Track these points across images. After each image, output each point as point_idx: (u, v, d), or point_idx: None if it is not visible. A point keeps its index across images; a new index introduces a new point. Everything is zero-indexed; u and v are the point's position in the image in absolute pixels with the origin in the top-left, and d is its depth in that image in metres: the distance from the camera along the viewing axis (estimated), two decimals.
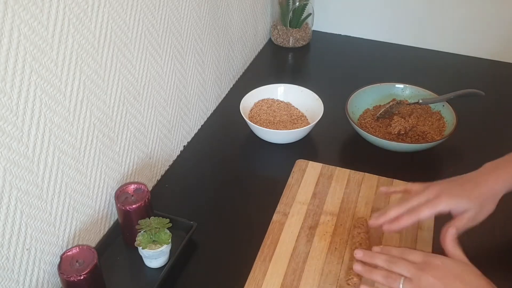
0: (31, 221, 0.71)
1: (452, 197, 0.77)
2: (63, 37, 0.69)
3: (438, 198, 0.77)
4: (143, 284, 0.82)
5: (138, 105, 0.90)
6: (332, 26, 1.50)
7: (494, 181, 0.78)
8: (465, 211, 0.77)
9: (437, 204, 0.76)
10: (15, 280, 0.71)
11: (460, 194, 0.77)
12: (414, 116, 1.10)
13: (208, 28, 1.09)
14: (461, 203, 0.76)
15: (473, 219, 0.78)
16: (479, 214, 0.78)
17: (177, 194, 0.99)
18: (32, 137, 0.68)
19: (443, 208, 0.76)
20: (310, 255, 0.84)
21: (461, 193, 0.77)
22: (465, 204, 0.76)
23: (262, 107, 1.15)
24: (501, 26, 1.33)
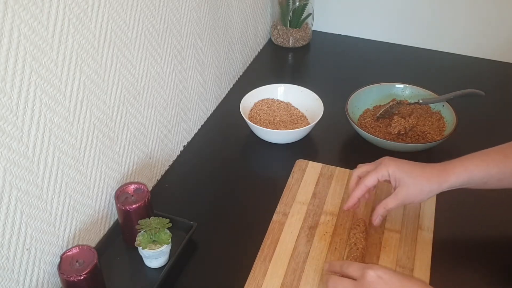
0: (31, 221, 0.71)
1: (396, 165, 0.79)
2: (63, 37, 0.69)
3: (380, 164, 0.81)
4: (143, 284, 0.82)
5: (138, 105, 0.90)
6: (332, 26, 1.50)
7: (444, 172, 0.78)
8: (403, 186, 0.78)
9: (379, 169, 0.80)
10: (15, 280, 0.71)
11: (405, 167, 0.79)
12: (414, 116, 1.10)
13: (208, 28, 1.09)
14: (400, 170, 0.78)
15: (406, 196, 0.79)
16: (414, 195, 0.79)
17: (177, 194, 0.99)
18: (32, 137, 0.68)
19: (384, 172, 0.79)
20: (310, 255, 0.84)
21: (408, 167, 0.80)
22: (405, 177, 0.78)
23: (262, 107, 1.15)
24: (501, 26, 1.33)
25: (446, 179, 0.78)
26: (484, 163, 0.78)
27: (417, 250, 0.84)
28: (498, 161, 0.78)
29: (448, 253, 0.86)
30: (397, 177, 0.79)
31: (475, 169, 0.77)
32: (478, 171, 0.77)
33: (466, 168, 0.78)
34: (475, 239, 0.89)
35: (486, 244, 0.88)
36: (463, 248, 0.88)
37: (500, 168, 0.78)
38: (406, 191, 0.79)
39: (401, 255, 0.84)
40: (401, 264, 0.82)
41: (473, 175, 0.78)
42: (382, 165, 0.81)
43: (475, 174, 0.77)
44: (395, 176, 0.79)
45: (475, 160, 0.78)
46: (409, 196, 0.79)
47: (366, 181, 0.81)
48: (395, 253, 0.84)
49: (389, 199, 0.81)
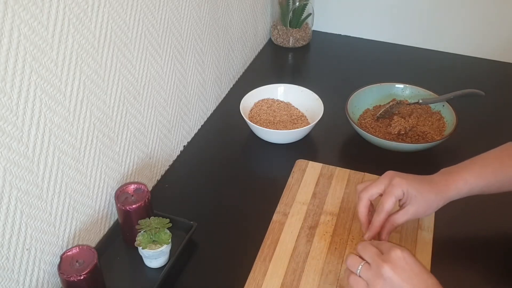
0: (31, 221, 0.71)
1: (405, 181, 0.78)
2: (63, 37, 0.69)
3: (392, 185, 0.78)
4: (143, 284, 0.82)
5: (138, 105, 0.90)
6: (332, 26, 1.50)
7: (446, 184, 0.79)
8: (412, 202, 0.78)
9: (393, 190, 0.78)
10: (15, 280, 0.71)
11: (413, 181, 0.79)
12: (414, 116, 1.10)
13: (208, 28, 1.09)
14: (413, 188, 0.78)
15: (416, 213, 0.79)
16: (422, 210, 0.79)
17: (177, 194, 0.99)
18: (32, 137, 0.68)
19: (399, 192, 0.78)
20: (310, 255, 0.84)
21: (414, 181, 0.79)
22: (414, 191, 0.78)
23: (262, 107, 1.15)
24: (502, 26, 1.33)
25: (449, 194, 0.79)
26: (483, 175, 0.79)
27: (417, 250, 0.84)
28: (496, 169, 0.79)
29: (448, 253, 0.86)
30: (409, 195, 0.79)
31: (475, 181, 0.79)
32: (477, 183, 0.79)
33: (466, 182, 0.79)
34: (475, 239, 0.89)
35: (486, 244, 0.88)
36: (463, 248, 0.88)
37: (498, 177, 0.79)
38: (417, 208, 0.79)
39: None
40: None
41: (473, 187, 0.79)
42: (396, 186, 0.78)
43: (474, 186, 0.79)
44: (408, 194, 0.79)
45: (474, 172, 0.79)
46: (418, 212, 0.79)
47: (386, 207, 0.78)
48: None
49: (398, 215, 0.79)
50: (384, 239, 0.81)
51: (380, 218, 0.79)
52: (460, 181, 0.79)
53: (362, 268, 0.68)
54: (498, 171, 0.79)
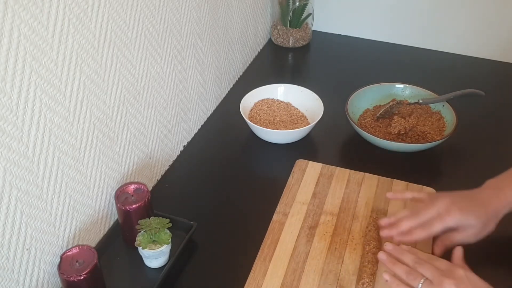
0: (31, 221, 0.71)
1: (461, 212, 0.78)
2: (63, 37, 0.69)
3: (448, 213, 0.78)
4: (143, 284, 0.82)
5: (138, 105, 0.90)
6: (332, 26, 1.50)
7: (498, 201, 0.79)
8: (470, 227, 0.79)
9: (447, 219, 0.78)
10: (15, 280, 0.71)
11: (468, 210, 0.79)
12: (414, 116, 1.10)
13: (208, 28, 1.09)
14: (469, 219, 0.78)
15: (475, 236, 0.80)
16: (481, 232, 0.80)
17: (177, 194, 0.99)
18: (32, 137, 0.68)
19: (453, 223, 0.78)
20: (310, 255, 0.84)
21: (469, 208, 0.79)
22: (472, 220, 0.78)
23: (262, 107, 1.15)
24: (502, 26, 1.33)
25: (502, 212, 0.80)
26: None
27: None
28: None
29: (448, 253, 0.86)
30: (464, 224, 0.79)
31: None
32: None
33: None
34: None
35: (486, 244, 0.88)
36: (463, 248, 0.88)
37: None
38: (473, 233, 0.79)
39: None
40: None
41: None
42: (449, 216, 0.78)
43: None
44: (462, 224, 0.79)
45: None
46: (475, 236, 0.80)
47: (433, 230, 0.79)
48: None
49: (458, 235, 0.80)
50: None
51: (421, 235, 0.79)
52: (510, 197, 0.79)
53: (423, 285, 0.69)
54: None
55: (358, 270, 0.81)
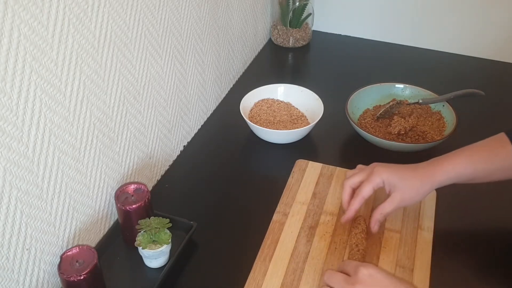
0: (31, 221, 0.71)
1: (388, 171, 0.81)
2: (63, 37, 0.69)
3: (374, 173, 0.81)
4: (143, 284, 0.82)
5: (138, 105, 0.90)
6: (332, 26, 1.50)
7: (433, 168, 0.81)
8: (397, 190, 0.80)
9: (373, 178, 0.81)
10: (15, 280, 0.71)
11: (395, 170, 0.81)
12: (414, 116, 1.10)
13: (208, 28, 1.09)
14: (394, 179, 0.80)
15: (402, 200, 0.81)
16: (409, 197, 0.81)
17: (177, 194, 0.99)
18: (32, 137, 0.68)
19: (379, 180, 0.80)
20: (310, 255, 0.84)
21: (397, 169, 0.81)
22: (397, 180, 0.80)
23: (262, 107, 1.15)
24: (502, 26, 1.33)
25: (436, 179, 0.80)
26: (471, 161, 0.80)
27: (417, 250, 0.84)
28: (485, 158, 0.80)
29: (448, 253, 0.86)
30: (391, 183, 0.81)
31: (463, 167, 0.80)
32: (466, 169, 0.80)
33: (454, 167, 0.80)
34: (475, 239, 0.89)
35: (486, 244, 0.88)
36: (463, 248, 0.88)
37: (487, 165, 0.80)
38: (402, 195, 0.80)
39: (401, 255, 0.84)
40: (401, 264, 0.82)
41: (461, 173, 0.80)
42: (375, 174, 0.81)
43: (462, 172, 0.80)
44: (389, 182, 0.81)
45: (463, 158, 0.80)
46: (405, 199, 0.81)
47: (363, 193, 0.82)
48: (395, 253, 0.84)
49: (385, 204, 0.82)
50: (373, 228, 0.83)
51: (356, 201, 0.82)
52: (449, 166, 0.80)
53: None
54: (487, 159, 0.80)
55: None
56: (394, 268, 0.82)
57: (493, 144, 0.81)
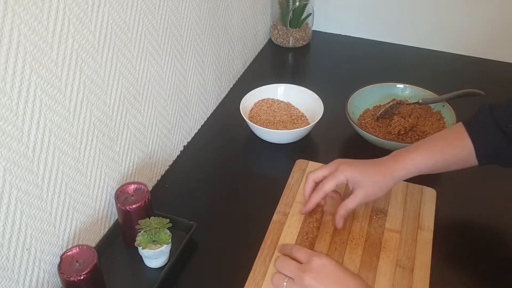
0: (31, 221, 0.71)
1: (351, 168, 0.82)
2: (63, 37, 0.69)
3: (338, 170, 0.83)
4: (143, 284, 0.82)
5: (138, 105, 0.90)
6: (332, 26, 1.50)
7: (394, 164, 0.82)
8: (360, 187, 0.82)
9: (337, 174, 0.83)
10: (15, 280, 0.71)
11: (358, 167, 0.83)
12: (414, 116, 1.10)
13: (208, 28, 1.09)
14: (357, 176, 0.82)
15: (366, 197, 0.83)
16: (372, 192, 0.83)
17: (177, 194, 0.99)
18: (32, 137, 0.68)
19: (343, 177, 0.82)
20: None
21: (360, 166, 0.83)
22: (359, 177, 0.82)
23: (262, 107, 1.15)
24: (502, 26, 1.33)
25: (398, 174, 0.82)
26: (431, 155, 0.81)
27: (417, 250, 0.84)
28: (443, 150, 0.81)
29: (448, 253, 0.86)
30: (354, 180, 0.82)
31: (423, 161, 0.81)
32: (426, 163, 0.81)
33: (413, 162, 0.81)
34: (475, 239, 0.89)
35: (486, 244, 0.88)
36: (463, 248, 0.88)
37: (445, 156, 0.81)
38: (365, 191, 0.82)
39: (401, 255, 0.84)
40: (401, 264, 0.82)
41: (421, 167, 0.82)
42: (339, 171, 0.83)
43: (423, 166, 0.81)
44: (353, 180, 0.83)
45: (423, 152, 0.82)
46: (368, 195, 0.83)
47: (325, 187, 0.83)
48: (395, 253, 0.84)
49: (349, 200, 0.84)
50: (338, 224, 0.85)
51: (317, 195, 0.84)
52: (409, 161, 0.81)
53: (287, 285, 0.70)
54: (446, 151, 0.81)
55: None
56: (394, 268, 0.82)
57: (452, 135, 0.82)
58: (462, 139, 0.81)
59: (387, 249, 0.85)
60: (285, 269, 0.71)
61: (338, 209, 0.85)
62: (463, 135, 0.81)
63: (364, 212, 0.91)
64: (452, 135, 0.83)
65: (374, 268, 0.82)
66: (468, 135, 0.80)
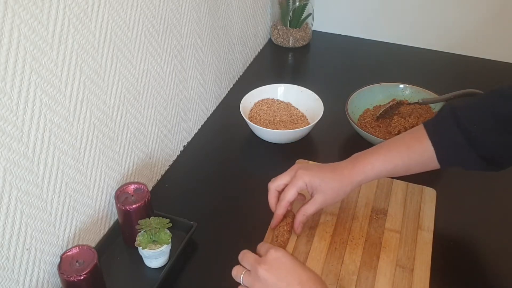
0: (31, 221, 0.71)
1: (309, 173, 0.82)
2: (63, 37, 0.69)
3: (296, 177, 0.82)
4: (143, 284, 0.82)
5: (138, 105, 0.90)
6: (332, 26, 1.50)
7: (352, 168, 0.82)
8: (318, 192, 0.82)
9: (296, 181, 0.82)
10: (15, 280, 0.71)
11: (316, 173, 0.82)
12: (414, 116, 1.10)
13: (208, 28, 1.09)
14: (315, 181, 0.81)
15: (324, 202, 0.83)
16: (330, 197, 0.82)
17: (177, 194, 0.99)
18: (32, 137, 0.68)
19: (301, 183, 0.82)
20: (310, 255, 0.84)
21: (318, 172, 0.83)
22: (318, 182, 0.81)
23: (262, 107, 1.15)
24: (502, 26, 1.33)
25: (356, 179, 0.82)
26: (389, 159, 0.81)
27: (417, 250, 0.84)
28: (402, 153, 0.81)
29: (448, 253, 0.86)
30: (313, 186, 0.82)
31: (382, 165, 0.81)
32: (385, 167, 0.81)
33: (372, 167, 0.81)
34: (475, 239, 0.89)
35: (486, 244, 0.88)
36: (463, 248, 0.88)
37: (404, 160, 0.81)
38: (324, 196, 0.82)
39: (401, 255, 0.84)
40: (401, 264, 0.82)
41: (380, 171, 0.81)
42: (298, 178, 0.82)
43: (382, 170, 0.81)
44: (311, 185, 0.82)
45: (381, 156, 0.81)
46: (326, 200, 0.83)
47: (287, 197, 0.83)
48: (395, 253, 0.84)
49: (307, 206, 0.83)
50: (297, 230, 0.85)
51: (281, 206, 0.84)
52: (367, 165, 0.81)
53: (243, 276, 0.71)
54: (404, 154, 0.80)
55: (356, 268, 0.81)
56: (394, 268, 0.82)
57: (411, 138, 0.82)
58: (422, 142, 0.79)
59: (387, 249, 0.85)
60: (244, 262, 0.72)
61: (297, 215, 0.84)
62: (423, 138, 0.79)
63: (364, 212, 0.91)
64: (413, 138, 0.81)
65: (374, 268, 0.82)
66: (428, 138, 0.79)
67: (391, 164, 0.80)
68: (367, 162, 0.81)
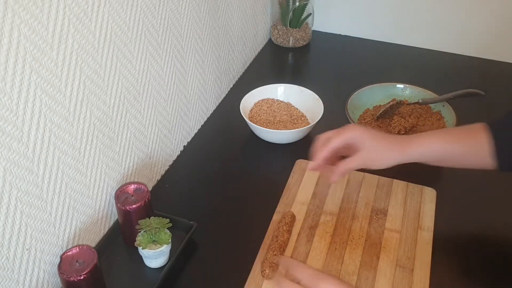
0: (31, 221, 0.71)
1: (360, 130, 0.81)
2: (63, 37, 0.69)
3: (346, 129, 0.82)
4: (143, 284, 0.82)
5: (138, 105, 0.90)
6: (332, 26, 1.50)
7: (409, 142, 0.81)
8: (364, 148, 0.80)
9: (345, 133, 0.81)
10: (15, 280, 0.71)
11: (367, 132, 0.82)
12: (414, 116, 1.10)
13: (208, 28, 1.09)
14: (364, 138, 0.80)
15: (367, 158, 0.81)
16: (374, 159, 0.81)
17: (177, 194, 0.99)
18: (32, 137, 0.68)
19: (349, 136, 0.81)
20: (310, 255, 0.84)
21: (370, 132, 0.82)
22: (367, 140, 0.80)
23: (262, 107, 1.15)
24: (503, 26, 1.33)
25: (405, 150, 0.80)
26: (440, 141, 0.81)
27: (417, 250, 0.84)
28: (454, 140, 0.81)
29: (448, 253, 0.86)
30: (360, 140, 0.81)
31: (431, 145, 0.80)
32: (433, 147, 0.80)
33: (422, 144, 0.81)
34: (475, 239, 0.89)
35: (486, 245, 0.88)
36: (463, 248, 0.88)
37: (454, 148, 0.80)
38: (368, 154, 0.80)
39: (401, 255, 0.84)
40: (401, 264, 0.82)
41: (428, 150, 0.80)
42: (348, 129, 0.82)
43: (430, 149, 0.80)
44: (359, 139, 0.81)
45: (433, 137, 0.81)
46: (370, 159, 0.81)
47: (332, 143, 0.81)
48: (395, 253, 0.84)
49: (350, 159, 0.81)
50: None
51: (324, 152, 0.82)
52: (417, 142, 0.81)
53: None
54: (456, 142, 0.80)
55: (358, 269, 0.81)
56: (394, 268, 0.82)
57: (466, 131, 0.82)
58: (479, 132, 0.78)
59: (387, 249, 0.85)
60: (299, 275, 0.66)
61: (339, 165, 0.82)
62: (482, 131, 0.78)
63: (364, 212, 0.91)
64: (467, 130, 0.81)
65: (374, 268, 0.82)
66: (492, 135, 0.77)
67: (440, 148, 0.80)
68: (419, 139, 0.81)
